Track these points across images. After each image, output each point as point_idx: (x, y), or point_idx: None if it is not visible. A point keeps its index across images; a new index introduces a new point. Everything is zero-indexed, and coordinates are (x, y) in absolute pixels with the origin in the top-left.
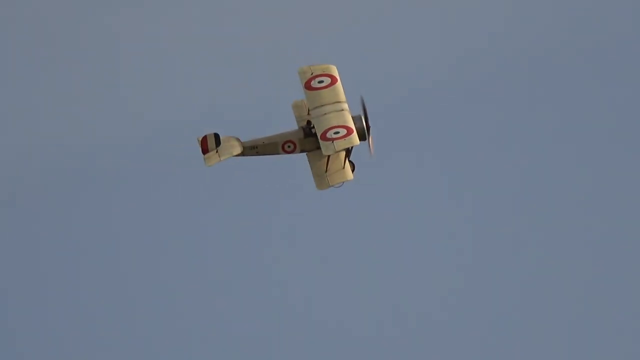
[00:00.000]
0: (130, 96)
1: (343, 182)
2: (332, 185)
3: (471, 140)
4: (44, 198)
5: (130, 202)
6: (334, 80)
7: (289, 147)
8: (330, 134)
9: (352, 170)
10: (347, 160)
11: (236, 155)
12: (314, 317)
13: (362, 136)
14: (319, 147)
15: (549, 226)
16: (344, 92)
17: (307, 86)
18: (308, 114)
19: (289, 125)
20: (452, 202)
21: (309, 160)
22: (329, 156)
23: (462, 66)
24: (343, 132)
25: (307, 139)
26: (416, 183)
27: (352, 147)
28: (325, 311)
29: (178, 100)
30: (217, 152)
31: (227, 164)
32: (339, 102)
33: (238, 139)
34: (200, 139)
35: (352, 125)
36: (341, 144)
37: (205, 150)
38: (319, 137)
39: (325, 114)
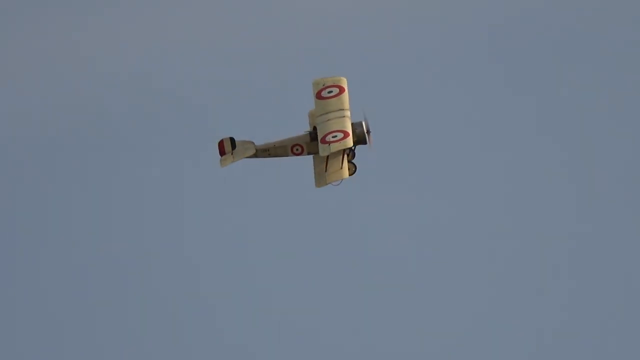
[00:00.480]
0: (134, 97)
1: (340, 181)
2: (329, 183)
3: (471, 140)
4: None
5: (132, 201)
6: (341, 90)
7: (297, 149)
8: (328, 138)
9: (353, 172)
10: (345, 162)
11: (249, 157)
12: (310, 313)
13: (363, 140)
14: None
15: (549, 226)
16: (350, 100)
17: (318, 96)
18: None
19: (294, 126)
20: (451, 202)
21: (313, 162)
22: (328, 157)
23: (462, 66)
24: (340, 135)
25: (313, 142)
26: (415, 183)
27: (353, 150)
28: (319, 307)
29: (179, 99)
30: (232, 154)
31: (237, 164)
32: (342, 109)
33: (252, 142)
34: (218, 143)
35: (349, 130)
36: (336, 146)
37: (222, 153)
38: (319, 140)
39: (328, 120)
